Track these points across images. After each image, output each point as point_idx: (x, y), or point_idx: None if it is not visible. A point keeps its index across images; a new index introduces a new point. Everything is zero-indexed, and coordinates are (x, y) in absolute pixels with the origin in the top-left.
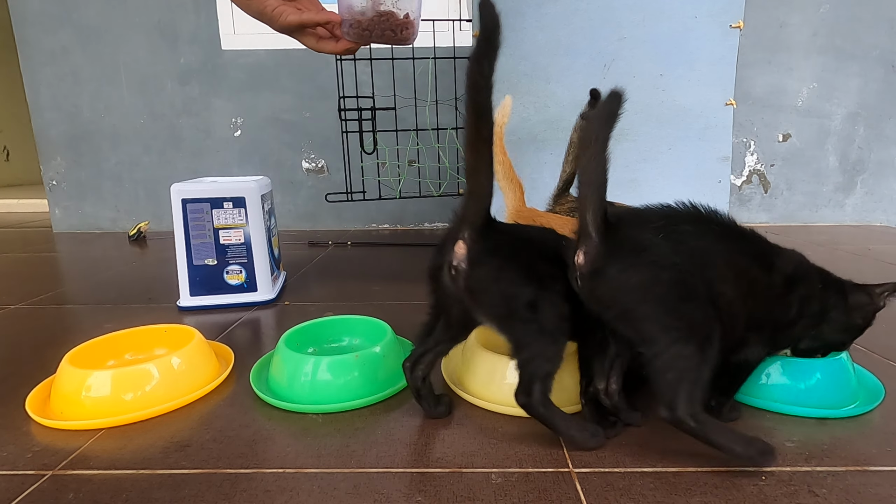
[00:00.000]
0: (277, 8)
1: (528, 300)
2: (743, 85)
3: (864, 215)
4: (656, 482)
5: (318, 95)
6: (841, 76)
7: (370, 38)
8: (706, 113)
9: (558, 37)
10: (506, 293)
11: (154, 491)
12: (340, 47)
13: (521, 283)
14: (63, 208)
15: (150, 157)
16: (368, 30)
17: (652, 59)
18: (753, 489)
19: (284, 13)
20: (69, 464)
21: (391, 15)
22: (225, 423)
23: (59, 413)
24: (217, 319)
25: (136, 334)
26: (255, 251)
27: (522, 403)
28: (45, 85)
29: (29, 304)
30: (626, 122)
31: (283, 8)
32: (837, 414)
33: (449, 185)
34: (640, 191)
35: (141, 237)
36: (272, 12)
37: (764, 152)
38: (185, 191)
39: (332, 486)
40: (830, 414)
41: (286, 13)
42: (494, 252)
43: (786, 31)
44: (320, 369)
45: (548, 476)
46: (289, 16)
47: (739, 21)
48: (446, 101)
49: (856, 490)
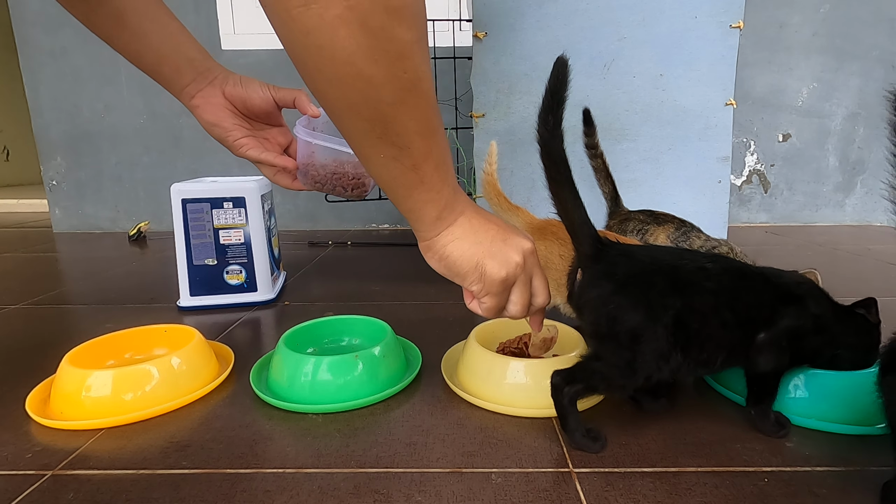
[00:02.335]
0: (239, 140)
1: (631, 328)
2: (743, 85)
3: (864, 215)
4: (656, 482)
5: None
6: (841, 76)
7: (322, 189)
8: (706, 113)
9: (558, 37)
10: (612, 316)
11: (154, 491)
12: (296, 186)
13: (629, 309)
14: (63, 208)
15: (150, 157)
16: (321, 183)
17: (652, 59)
18: (753, 489)
19: (245, 146)
20: (69, 464)
21: (344, 175)
22: (225, 423)
23: (59, 413)
24: (217, 319)
25: (136, 334)
26: (255, 251)
27: (555, 383)
28: (45, 85)
29: (29, 304)
30: (626, 122)
31: (246, 141)
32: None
33: None
34: (640, 191)
35: (141, 237)
36: (234, 142)
37: (764, 152)
38: (185, 191)
39: (332, 486)
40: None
41: (247, 147)
42: (607, 276)
43: (786, 31)
44: (320, 369)
45: (548, 476)
46: (249, 150)
47: (739, 21)
48: (446, 102)
49: (856, 490)
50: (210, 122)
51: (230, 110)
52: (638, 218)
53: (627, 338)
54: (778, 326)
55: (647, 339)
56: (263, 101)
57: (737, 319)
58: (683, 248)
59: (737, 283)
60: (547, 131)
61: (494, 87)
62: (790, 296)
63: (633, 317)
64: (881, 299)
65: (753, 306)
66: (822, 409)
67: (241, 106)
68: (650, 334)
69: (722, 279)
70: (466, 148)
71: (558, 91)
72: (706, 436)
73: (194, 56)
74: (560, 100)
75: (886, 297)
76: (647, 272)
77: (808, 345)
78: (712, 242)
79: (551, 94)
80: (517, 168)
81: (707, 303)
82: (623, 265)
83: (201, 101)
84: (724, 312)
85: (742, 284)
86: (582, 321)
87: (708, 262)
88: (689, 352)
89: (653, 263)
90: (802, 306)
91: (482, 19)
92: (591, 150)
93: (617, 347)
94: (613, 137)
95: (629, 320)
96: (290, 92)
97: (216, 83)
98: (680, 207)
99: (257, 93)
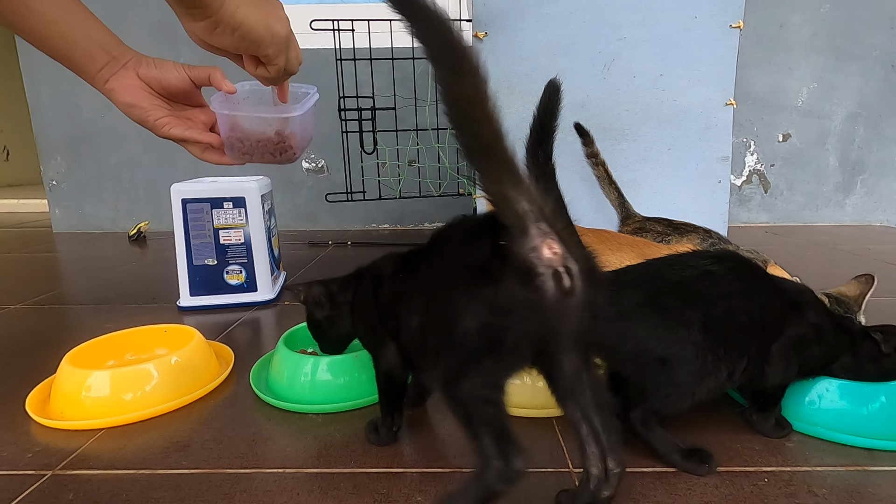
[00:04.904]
0: (160, 119)
1: (659, 356)
2: (743, 85)
3: (864, 215)
4: (656, 482)
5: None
6: (841, 76)
7: (252, 159)
8: (706, 113)
9: (558, 37)
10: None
11: (154, 491)
12: (226, 161)
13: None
14: (63, 208)
15: (150, 157)
16: (248, 153)
17: (652, 59)
18: (753, 489)
19: (168, 125)
20: (69, 464)
21: (268, 141)
22: (225, 423)
23: (59, 413)
24: (217, 319)
25: (136, 334)
26: (255, 251)
27: (618, 414)
28: (45, 85)
29: (29, 304)
30: (626, 122)
31: (167, 119)
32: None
33: (449, 185)
34: (640, 191)
35: (141, 237)
36: (155, 122)
37: (764, 152)
38: (185, 191)
39: (332, 486)
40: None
41: (169, 125)
42: (619, 314)
43: (786, 31)
44: (320, 369)
45: (548, 476)
46: (172, 129)
47: (739, 21)
48: None
49: (856, 490)
50: (127, 103)
51: (147, 91)
52: (655, 230)
53: (659, 364)
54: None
55: (679, 361)
56: (179, 81)
57: (752, 324)
58: (677, 256)
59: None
60: (539, 167)
61: (494, 87)
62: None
63: (653, 344)
64: (881, 299)
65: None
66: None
67: (157, 87)
68: (682, 356)
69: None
70: None
71: (548, 121)
72: (706, 436)
73: (106, 41)
74: (550, 130)
75: (886, 297)
76: (651, 295)
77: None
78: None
79: (540, 124)
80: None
81: (722, 310)
82: (630, 297)
83: (116, 83)
84: (740, 317)
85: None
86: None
87: (711, 264)
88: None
89: (659, 282)
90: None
91: (482, 19)
92: (592, 160)
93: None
94: (613, 137)
95: (654, 350)
96: (205, 69)
97: (129, 66)
98: (680, 207)
99: (172, 73)
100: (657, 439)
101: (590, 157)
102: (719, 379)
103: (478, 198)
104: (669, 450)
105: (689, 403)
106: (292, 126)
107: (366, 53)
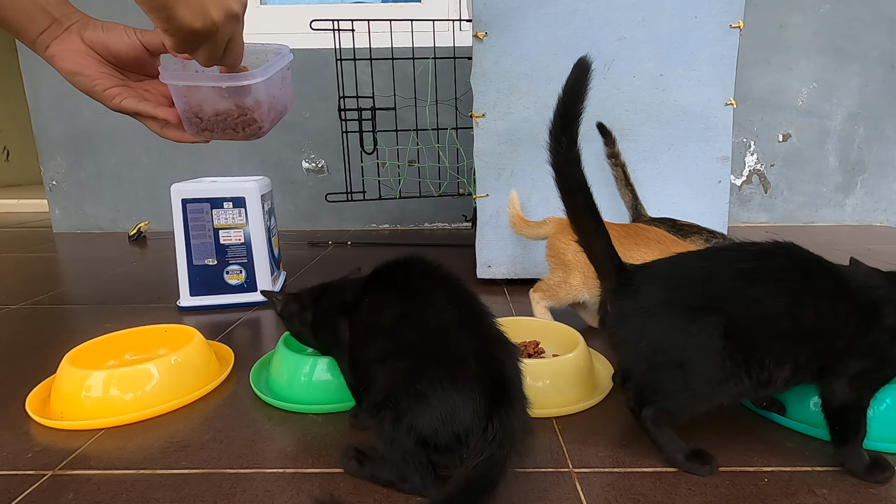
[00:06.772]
0: (109, 90)
1: (676, 359)
2: (743, 85)
3: (864, 215)
4: (656, 482)
5: (319, 95)
6: (841, 76)
7: (213, 136)
8: (706, 113)
9: (558, 37)
10: (648, 353)
11: (154, 491)
12: (187, 139)
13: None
14: (63, 208)
15: (150, 157)
16: (208, 129)
17: (652, 59)
18: (753, 489)
19: (118, 96)
20: (69, 464)
21: (228, 114)
22: (225, 423)
23: (59, 413)
24: (217, 319)
25: (136, 334)
26: (255, 251)
27: (631, 408)
28: (45, 85)
29: (29, 304)
30: (626, 122)
31: (118, 91)
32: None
33: (449, 185)
34: (641, 191)
35: (141, 237)
36: (103, 93)
37: (764, 152)
38: (185, 191)
39: (332, 486)
40: None
41: (120, 96)
42: (635, 310)
43: (786, 31)
44: (320, 369)
45: (548, 476)
46: (123, 100)
47: (739, 21)
48: (446, 101)
49: (856, 490)
50: (71, 70)
51: (93, 58)
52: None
53: (674, 366)
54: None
55: (695, 365)
56: (130, 47)
57: (800, 330)
58: (710, 252)
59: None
60: (561, 154)
61: (494, 87)
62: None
63: (669, 346)
64: None
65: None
66: None
67: (104, 53)
68: (698, 360)
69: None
70: (466, 148)
71: (574, 104)
72: (706, 436)
73: (46, 1)
74: (575, 114)
75: None
76: (677, 295)
77: None
78: None
79: (566, 107)
80: (517, 168)
81: (753, 314)
82: (649, 295)
83: (57, 49)
84: (780, 321)
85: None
86: (620, 360)
87: (751, 261)
88: (749, 371)
89: (682, 280)
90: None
91: (482, 19)
92: (613, 160)
93: (667, 376)
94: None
95: (669, 351)
96: (159, 34)
97: (73, 29)
98: (680, 207)
99: (122, 37)
100: (665, 438)
101: (610, 157)
102: (742, 386)
103: (478, 198)
104: (674, 450)
105: (706, 408)
106: (256, 95)
107: (366, 53)
